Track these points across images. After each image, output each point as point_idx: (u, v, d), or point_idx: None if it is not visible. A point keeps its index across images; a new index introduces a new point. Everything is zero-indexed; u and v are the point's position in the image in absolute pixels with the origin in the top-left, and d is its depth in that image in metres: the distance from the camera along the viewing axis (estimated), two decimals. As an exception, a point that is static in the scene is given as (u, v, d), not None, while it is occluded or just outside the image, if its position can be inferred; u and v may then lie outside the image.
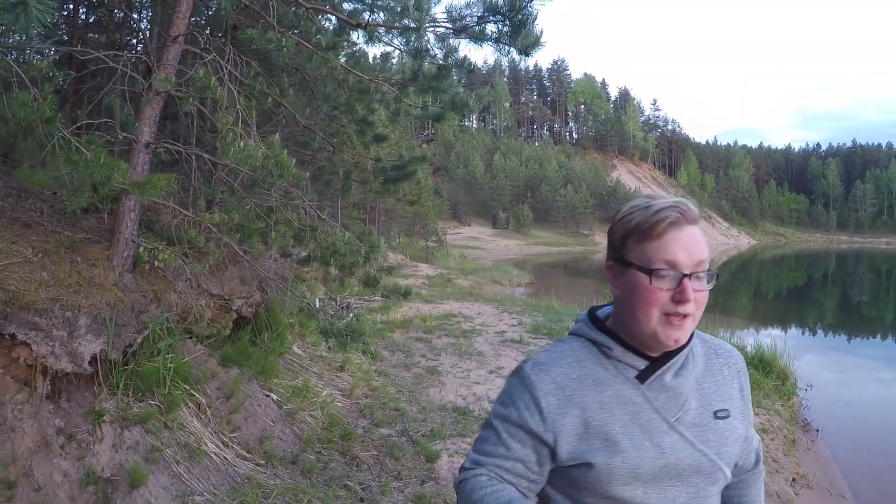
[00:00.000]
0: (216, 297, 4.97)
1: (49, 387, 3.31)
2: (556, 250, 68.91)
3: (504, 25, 3.21)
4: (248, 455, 4.08)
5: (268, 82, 3.98)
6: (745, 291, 32.82)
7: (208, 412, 4.07)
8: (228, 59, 3.52)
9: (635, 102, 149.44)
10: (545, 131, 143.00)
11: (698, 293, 1.20)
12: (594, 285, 25.22)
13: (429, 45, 3.61)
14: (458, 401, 6.52)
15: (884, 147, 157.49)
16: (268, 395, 4.88)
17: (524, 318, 12.42)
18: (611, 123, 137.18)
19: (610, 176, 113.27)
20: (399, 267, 8.67)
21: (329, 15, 4.02)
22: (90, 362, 3.29)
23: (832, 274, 49.21)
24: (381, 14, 3.64)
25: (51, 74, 3.25)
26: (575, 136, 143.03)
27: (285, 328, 5.78)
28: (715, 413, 1.31)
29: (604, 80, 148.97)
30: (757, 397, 7.47)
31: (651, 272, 1.19)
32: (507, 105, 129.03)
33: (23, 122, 2.66)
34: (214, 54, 3.46)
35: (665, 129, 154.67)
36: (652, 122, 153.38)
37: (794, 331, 18.80)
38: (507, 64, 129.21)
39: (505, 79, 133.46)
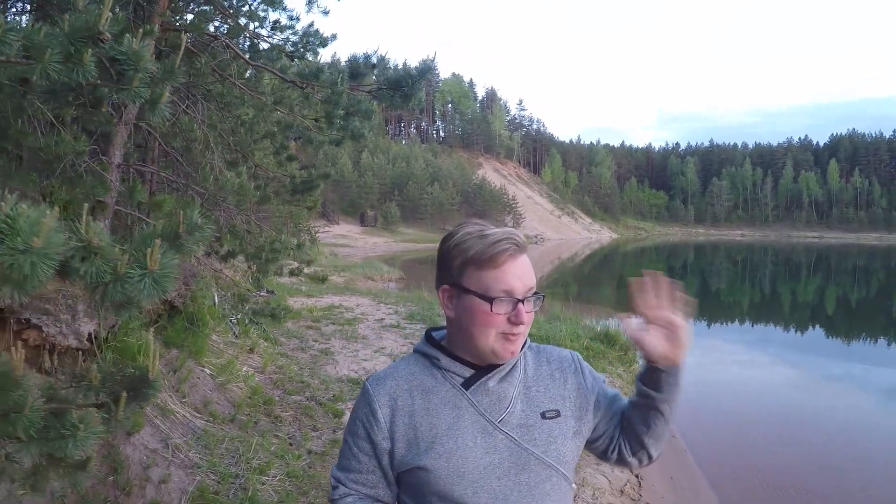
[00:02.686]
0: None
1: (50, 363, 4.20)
2: (423, 247, 70.28)
3: (400, 95, 4.54)
4: (198, 415, 5.11)
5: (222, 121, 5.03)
6: (608, 282, 34.73)
7: (165, 382, 5.06)
8: (199, 106, 4.54)
9: (502, 102, 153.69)
10: (413, 130, 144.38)
11: (528, 314, 1.29)
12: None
13: (344, 99, 4.81)
14: (352, 374, 7.75)
15: (739, 147, 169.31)
16: (203, 370, 5.87)
17: (399, 308, 13.79)
18: (477, 122, 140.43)
19: (476, 174, 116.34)
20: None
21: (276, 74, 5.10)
22: (87, 339, 4.22)
23: (691, 264, 52.49)
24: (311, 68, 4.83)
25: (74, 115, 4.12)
26: (442, 134, 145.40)
27: (207, 317, 6.74)
28: (543, 414, 1.36)
29: (471, 80, 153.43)
30: (602, 364, 9.30)
31: (492, 300, 1.26)
32: (376, 104, 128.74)
33: (57, 154, 3.60)
34: (189, 102, 4.46)
35: (530, 128, 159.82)
36: (518, 121, 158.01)
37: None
38: (375, 61, 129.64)
39: (374, 77, 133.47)
